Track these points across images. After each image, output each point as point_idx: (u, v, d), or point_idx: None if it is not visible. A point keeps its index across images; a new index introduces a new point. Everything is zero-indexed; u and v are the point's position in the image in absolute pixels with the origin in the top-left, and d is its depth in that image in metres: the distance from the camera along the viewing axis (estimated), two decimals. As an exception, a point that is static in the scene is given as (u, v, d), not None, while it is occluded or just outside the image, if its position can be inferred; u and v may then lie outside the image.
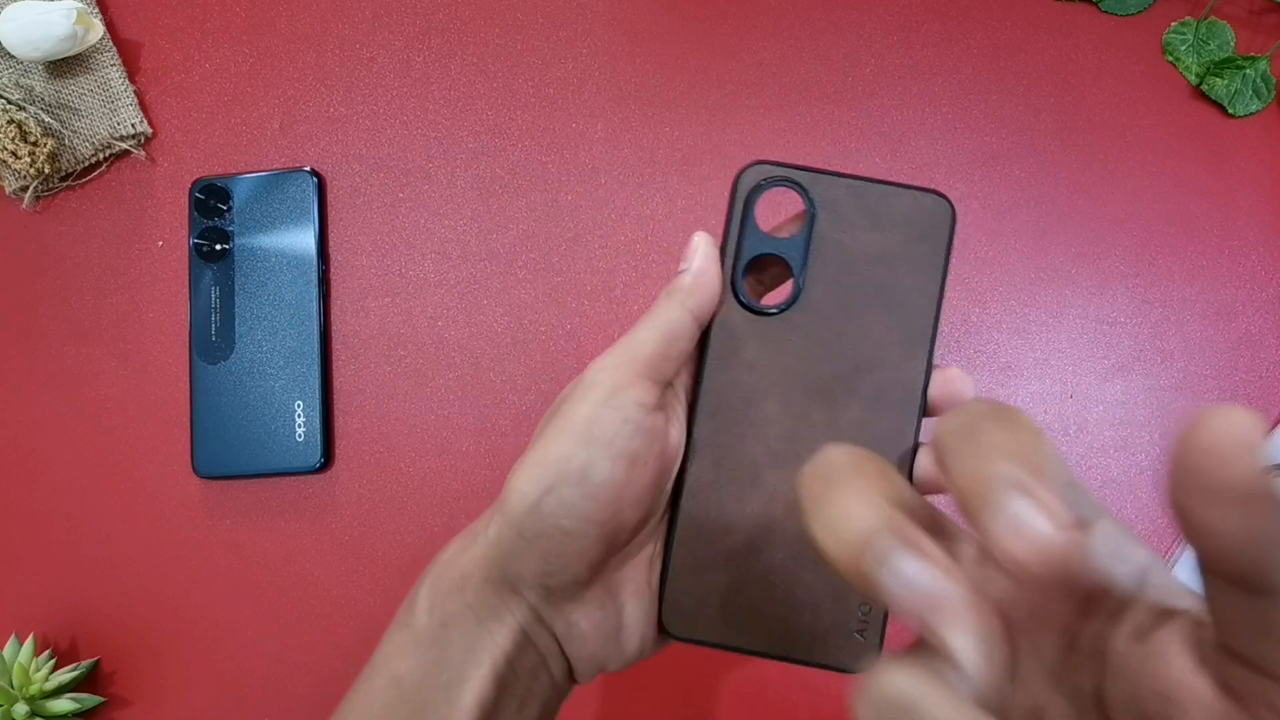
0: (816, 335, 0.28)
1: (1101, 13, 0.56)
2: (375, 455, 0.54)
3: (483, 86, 0.56)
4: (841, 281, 0.28)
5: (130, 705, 0.53)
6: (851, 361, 0.28)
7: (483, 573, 0.28)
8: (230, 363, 0.53)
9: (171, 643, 0.53)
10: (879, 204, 0.28)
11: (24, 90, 0.55)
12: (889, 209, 0.28)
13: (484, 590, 0.28)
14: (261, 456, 0.53)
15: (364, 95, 0.56)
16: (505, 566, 0.28)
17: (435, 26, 0.57)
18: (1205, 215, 0.55)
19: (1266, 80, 0.54)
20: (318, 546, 0.53)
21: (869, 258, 0.28)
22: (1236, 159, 0.55)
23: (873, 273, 0.28)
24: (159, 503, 0.54)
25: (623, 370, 0.27)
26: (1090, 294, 0.55)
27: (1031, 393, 0.54)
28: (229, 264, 0.54)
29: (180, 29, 0.57)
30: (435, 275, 0.55)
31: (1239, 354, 0.54)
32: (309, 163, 0.56)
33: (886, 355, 0.28)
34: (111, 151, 0.56)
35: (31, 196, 0.55)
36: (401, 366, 0.54)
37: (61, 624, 0.53)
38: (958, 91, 0.56)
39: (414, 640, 0.28)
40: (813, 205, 0.28)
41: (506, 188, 0.56)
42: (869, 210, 0.28)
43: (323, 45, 0.57)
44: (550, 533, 0.26)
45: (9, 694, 0.48)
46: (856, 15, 0.56)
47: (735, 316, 0.29)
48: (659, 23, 0.57)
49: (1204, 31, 0.55)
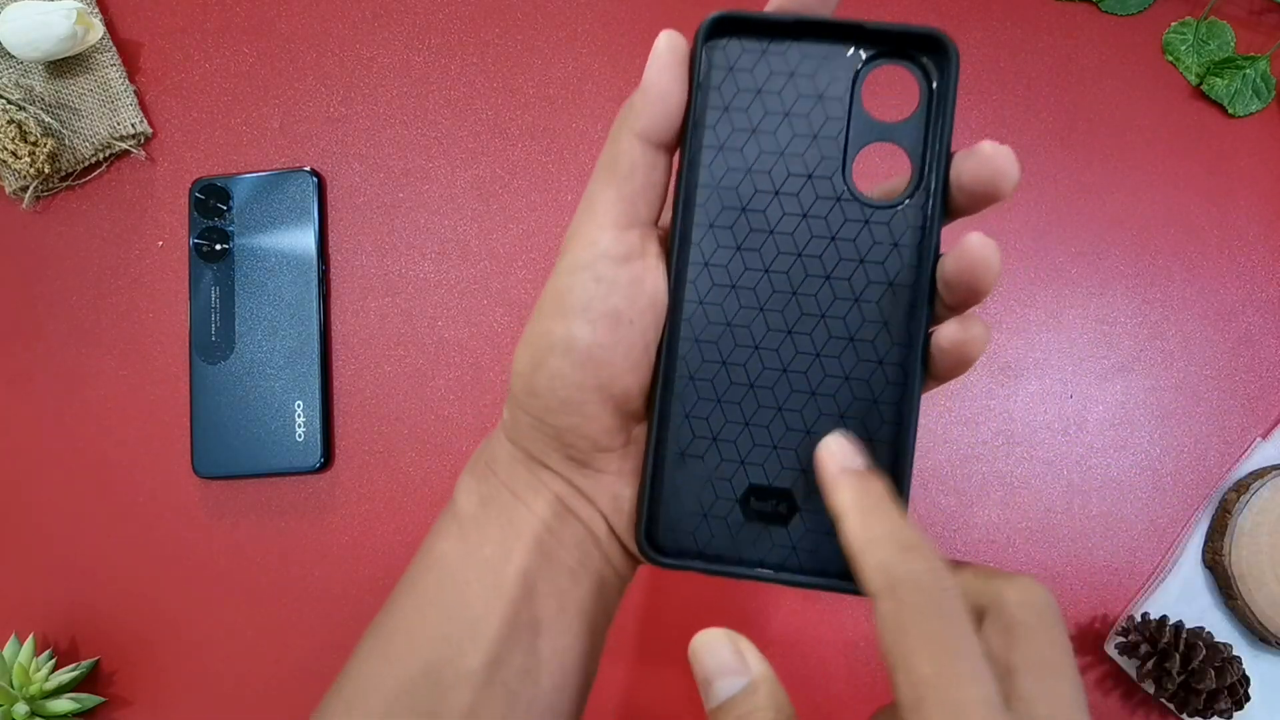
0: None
1: (1101, 13, 0.56)
2: (375, 455, 0.54)
3: (483, 86, 0.56)
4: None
5: (130, 705, 0.53)
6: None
7: (508, 453, 0.28)
8: (230, 363, 0.53)
9: (172, 642, 0.53)
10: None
11: (24, 90, 0.55)
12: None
13: (514, 468, 0.28)
14: (261, 456, 0.53)
15: (364, 95, 0.56)
16: (524, 445, 0.28)
17: (435, 26, 0.57)
18: (1205, 215, 0.55)
19: (1266, 80, 0.54)
20: (318, 546, 0.53)
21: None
22: (1236, 159, 0.55)
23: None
24: (159, 503, 0.54)
25: (585, 226, 0.26)
26: (1090, 294, 0.55)
27: (1031, 393, 0.54)
28: (229, 264, 0.54)
29: (180, 29, 0.57)
30: (435, 275, 0.55)
31: (1239, 354, 0.54)
32: (309, 163, 0.56)
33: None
34: (111, 151, 0.56)
35: (31, 196, 0.55)
36: (401, 366, 0.54)
37: (61, 624, 0.53)
38: (958, 91, 0.56)
39: (456, 522, 0.28)
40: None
41: (506, 188, 0.56)
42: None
43: (323, 45, 0.57)
44: (552, 407, 0.26)
45: (9, 694, 0.48)
46: (856, 16, 0.56)
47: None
48: (659, 23, 0.56)
49: (1204, 31, 0.55)
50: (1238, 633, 0.52)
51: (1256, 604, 0.50)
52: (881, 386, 0.26)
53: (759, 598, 0.53)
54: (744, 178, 0.26)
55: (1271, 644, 0.51)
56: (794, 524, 0.26)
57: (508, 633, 0.26)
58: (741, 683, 0.23)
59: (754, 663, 0.23)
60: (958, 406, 0.54)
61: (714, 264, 0.26)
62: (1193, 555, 0.52)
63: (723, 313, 0.26)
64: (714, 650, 0.23)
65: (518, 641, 0.26)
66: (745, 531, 0.27)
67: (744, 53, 0.26)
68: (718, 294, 0.26)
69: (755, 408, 0.26)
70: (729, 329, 0.26)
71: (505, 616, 0.26)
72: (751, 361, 0.26)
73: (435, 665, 0.26)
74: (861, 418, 0.26)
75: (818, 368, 0.26)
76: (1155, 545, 0.53)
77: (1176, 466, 0.53)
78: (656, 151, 0.26)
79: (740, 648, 0.23)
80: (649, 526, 0.27)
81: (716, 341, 0.26)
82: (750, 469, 0.26)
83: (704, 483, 0.27)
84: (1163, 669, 0.49)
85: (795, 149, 0.26)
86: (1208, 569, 0.52)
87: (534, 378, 0.26)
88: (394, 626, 0.28)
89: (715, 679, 0.23)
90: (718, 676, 0.23)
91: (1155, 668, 0.49)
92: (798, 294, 0.26)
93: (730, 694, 0.23)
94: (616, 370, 0.26)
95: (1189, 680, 0.48)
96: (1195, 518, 0.53)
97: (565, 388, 0.26)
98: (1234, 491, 0.52)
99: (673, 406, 0.27)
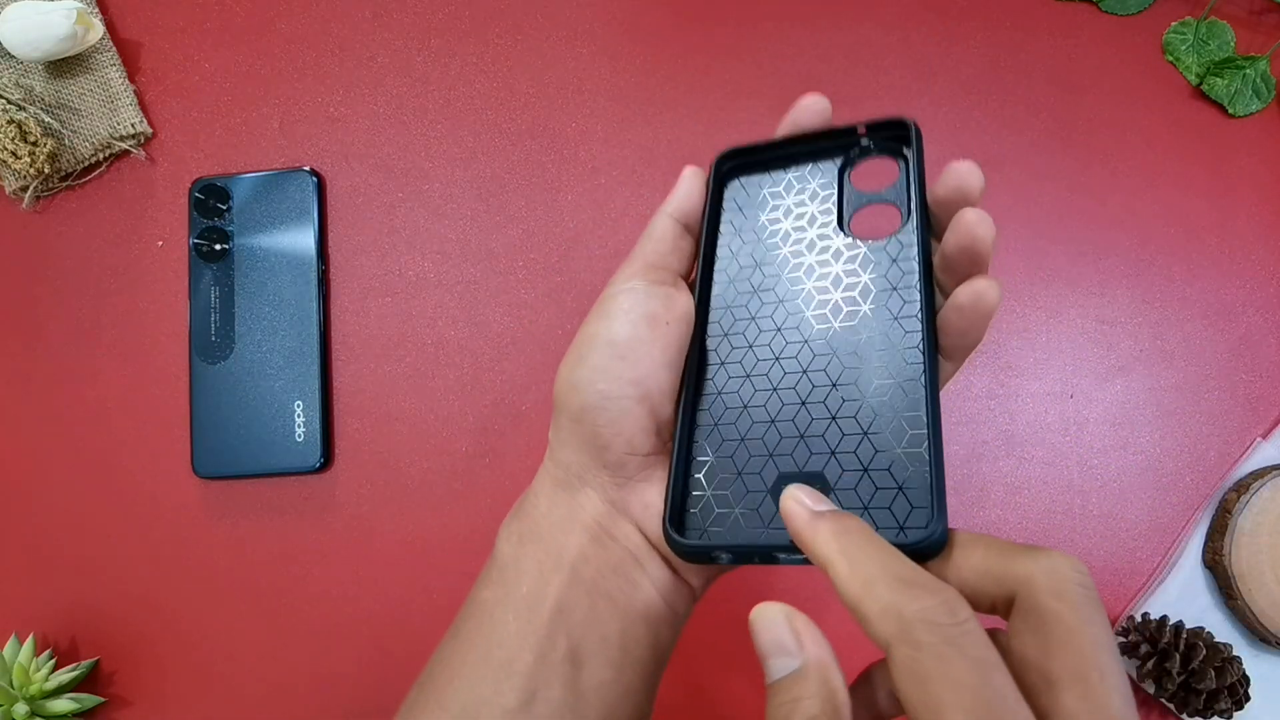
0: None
1: (1101, 13, 0.56)
2: (375, 455, 0.54)
3: (483, 86, 0.56)
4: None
5: (130, 705, 0.53)
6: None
7: (550, 480, 0.29)
8: (230, 363, 0.53)
9: (171, 642, 0.53)
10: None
11: (24, 90, 0.55)
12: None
13: (554, 498, 0.29)
14: (261, 456, 0.53)
15: (364, 95, 0.56)
16: (564, 461, 0.29)
17: (435, 26, 0.57)
18: (1205, 215, 0.55)
19: (1266, 80, 0.54)
20: (318, 546, 0.53)
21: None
22: (1236, 159, 0.55)
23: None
24: (159, 503, 0.54)
25: (624, 271, 0.30)
26: (1090, 294, 0.55)
27: (1031, 393, 0.54)
28: (229, 264, 0.54)
29: (180, 29, 0.57)
30: (435, 275, 0.55)
31: (1239, 354, 0.54)
32: (309, 163, 0.56)
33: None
34: (111, 151, 0.56)
35: (31, 196, 0.55)
36: (401, 366, 0.54)
37: (61, 624, 0.53)
38: (958, 92, 0.56)
39: (496, 567, 0.29)
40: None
41: (506, 188, 0.56)
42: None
43: (323, 45, 0.57)
44: (592, 402, 0.28)
45: (9, 694, 0.48)
46: (856, 15, 0.56)
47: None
48: (659, 23, 0.57)
49: (1204, 31, 0.55)
50: (1238, 633, 0.52)
51: (1256, 604, 0.50)
52: (900, 365, 0.27)
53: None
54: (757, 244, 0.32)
55: (1271, 644, 0.51)
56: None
57: (542, 667, 0.26)
58: (793, 665, 0.22)
59: (809, 645, 0.22)
60: (958, 406, 0.54)
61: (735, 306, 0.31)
62: (1193, 555, 0.52)
63: (745, 339, 0.30)
64: (769, 626, 0.22)
65: (555, 676, 0.26)
66: (777, 519, 0.27)
67: (750, 167, 0.33)
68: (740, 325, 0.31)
69: (780, 406, 0.28)
70: (750, 349, 0.30)
71: (540, 652, 0.26)
72: (774, 369, 0.29)
73: (474, 707, 0.26)
74: (883, 396, 0.27)
75: (836, 363, 0.28)
76: (1155, 545, 0.53)
77: (1176, 466, 0.53)
78: (683, 229, 0.32)
79: (796, 626, 0.22)
80: (676, 517, 0.28)
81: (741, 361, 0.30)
82: (779, 459, 0.28)
83: (732, 475, 0.28)
84: (1163, 669, 0.49)
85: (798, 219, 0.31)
86: (1208, 569, 0.52)
87: (576, 374, 0.28)
88: (437, 674, 0.28)
89: (769, 657, 0.22)
90: (771, 655, 0.22)
91: (1155, 668, 0.49)
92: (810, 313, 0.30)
93: (782, 674, 0.22)
94: (653, 365, 0.28)
95: (1189, 680, 0.48)
96: (1195, 518, 0.53)
97: (605, 380, 0.28)
98: (1234, 491, 0.52)
99: (700, 407, 0.29)
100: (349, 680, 0.53)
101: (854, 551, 0.22)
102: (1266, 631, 0.50)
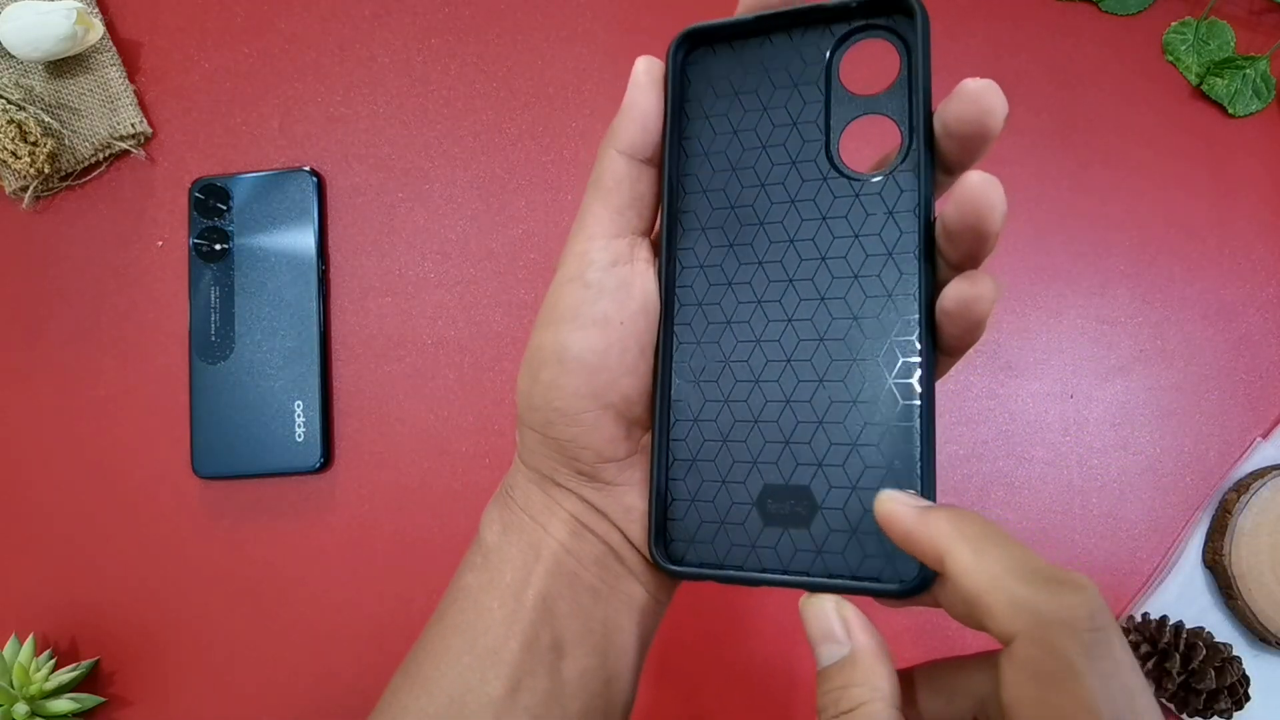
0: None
1: (1101, 13, 0.56)
2: (375, 455, 0.54)
3: (483, 86, 0.56)
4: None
5: (130, 705, 0.53)
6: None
7: (524, 477, 0.28)
8: (230, 363, 0.53)
9: (171, 643, 0.53)
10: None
11: (24, 90, 0.55)
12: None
13: (530, 491, 0.28)
14: (261, 456, 0.53)
15: (364, 95, 0.56)
16: (535, 465, 0.28)
17: (435, 26, 0.57)
18: (1205, 215, 0.55)
19: (1266, 80, 0.54)
20: (318, 546, 0.53)
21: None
22: (1236, 159, 0.55)
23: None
24: (159, 503, 0.54)
25: (575, 240, 0.27)
26: (1090, 294, 0.55)
27: (1031, 393, 0.54)
28: (229, 264, 0.54)
29: (180, 29, 0.57)
30: (435, 275, 0.55)
31: (1239, 354, 0.54)
32: (309, 163, 0.56)
33: None
34: (111, 151, 0.56)
35: (31, 196, 0.55)
36: (401, 366, 0.54)
37: (61, 624, 0.53)
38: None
39: (480, 553, 0.28)
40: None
41: (506, 188, 0.56)
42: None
43: (323, 45, 0.57)
44: (552, 419, 0.26)
45: (9, 694, 0.48)
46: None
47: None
48: (659, 23, 0.57)
49: (1204, 31, 0.55)
50: (1238, 633, 0.52)
51: (1256, 604, 0.50)
52: (892, 361, 0.24)
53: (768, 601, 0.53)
54: (730, 177, 0.26)
55: (1271, 644, 0.51)
56: (816, 524, 0.24)
57: (527, 656, 0.26)
58: (842, 652, 0.22)
59: (857, 633, 0.22)
60: (958, 406, 0.54)
61: (708, 265, 0.26)
62: (1193, 555, 0.52)
63: (721, 311, 0.26)
64: (819, 615, 0.23)
65: (539, 664, 0.26)
66: (764, 536, 0.25)
67: (717, 60, 0.26)
68: (715, 293, 0.26)
69: (763, 403, 0.25)
70: (728, 326, 0.26)
71: (525, 640, 0.26)
72: (755, 355, 0.25)
73: (460, 694, 0.26)
74: (875, 399, 0.24)
75: (823, 353, 0.25)
76: (1155, 545, 0.53)
77: (1176, 466, 0.53)
78: (641, 166, 0.26)
79: (845, 615, 0.22)
80: (660, 536, 0.26)
81: (718, 341, 0.26)
82: (764, 468, 0.25)
83: (715, 486, 0.26)
84: (1163, 669, 0.49)
85: (777, 139, 0.26)
86: (1208, 569, 0.52)
87: (532, 392, 0.26)
88: (422, 659, 0.28)
89: (819, 644, 0.23)
90: (820, 642, 0.22)
91: (1155, 668, 0.49)
92: (794, 281, 0.25)
93: (832, 661, 0.22)
94: (612, 375, 0.26)
95: (1189, 680, 0.48)
96: (1195, 518, 0.53)
97: (561, 398, 0.26)
98: (1234, 491, 0.52)
99: (675, 409, 0.26)
100: (349, 680, 0.53)
101: (979, 540, 0.20)
102: (1266, 631, 0.50)
